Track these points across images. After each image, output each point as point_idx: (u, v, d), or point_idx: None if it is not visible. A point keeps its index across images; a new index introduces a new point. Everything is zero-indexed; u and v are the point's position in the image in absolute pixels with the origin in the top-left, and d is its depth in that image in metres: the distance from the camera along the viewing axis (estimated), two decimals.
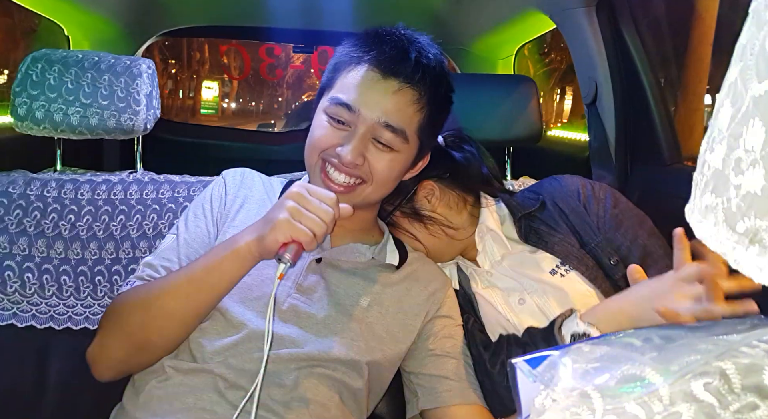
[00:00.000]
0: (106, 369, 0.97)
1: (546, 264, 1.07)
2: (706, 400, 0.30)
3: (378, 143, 0.97)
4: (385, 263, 1.09)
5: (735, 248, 0.30)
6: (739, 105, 0.30)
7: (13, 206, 1.28)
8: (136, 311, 0.94)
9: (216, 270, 0.91)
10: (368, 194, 1.01)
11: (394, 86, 0.96)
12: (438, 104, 1.02)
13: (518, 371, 0.44)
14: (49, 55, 1.33)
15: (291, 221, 0.85)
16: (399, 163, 1.00)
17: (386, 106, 0.95)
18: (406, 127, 0.97)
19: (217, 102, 22.39)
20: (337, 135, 0.97)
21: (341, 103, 0.96)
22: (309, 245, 0.85)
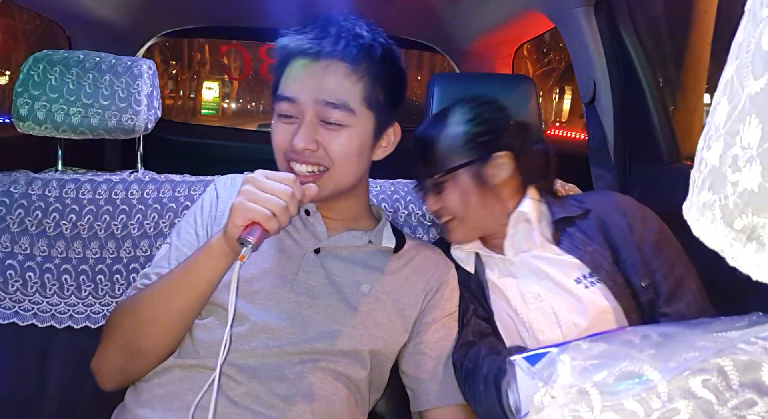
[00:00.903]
0: (107, 380, 0.99)
1: (572, 272, 1.06)
2: (704, 397, 0.30)
3: (328, 125, 0.97)
4: (383, 246, 1.09)
5: (733, 245, 0.30)
6: (736, 102, 0.30)
7: (15, 205, 1.28)
8: (126, 318, 0.96)
9: (192, 270, 0.92)
10: (337, 179, 1.00)
11: (323, 64, 0.97)
12: (379, 71, 1.01)
13: (517, 368, 0.44)
14: (51, 55, 1.34)
15: (245, 202, 0.85)
16: (355, 139, 0.99)
17: (321, 85, 0.97)
18: (347, 100, 0.97)
19: (217, 102, 22.40)
20: (290, 130, 0.98)
21: (283, 98, 0.99)
22: (268, 224, 0.85)
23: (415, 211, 1.41)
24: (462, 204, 1.10)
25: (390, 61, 1.04)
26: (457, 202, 1.10)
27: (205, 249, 0.92)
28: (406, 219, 1.39)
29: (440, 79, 1.56)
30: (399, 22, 2.36)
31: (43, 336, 1.25)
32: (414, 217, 1.40)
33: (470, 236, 1.14)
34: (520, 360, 0.39)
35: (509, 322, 1.08)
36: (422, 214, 1.41)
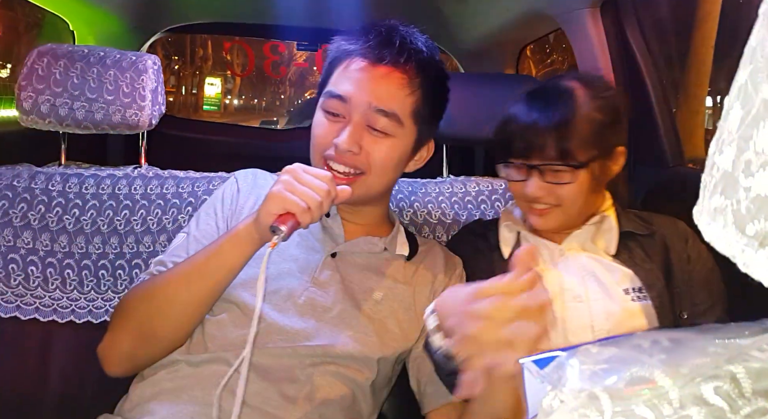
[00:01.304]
0: (115, 365, 0.97)
1: (624, 281, 1.05)
2: (716, 404, 0.30)
3: (373, 131, 0.99)
4: (397, 254, 1.10)
5: (744, 251, 0.30)
6: (749, 107, 0.30)
7: (17, 199, 1.28)
8: (141, 302, 0.95)
9: (217, 255, 0.92)
10: (370, 184, 1.01)
11: (382, 71, 0.99)
12: (430, 88, 1.03)
13: (526, 371, 0.44)
14: (55, 49, 1.33)
15: (283, 192, 0.86)
16: (397, 149, 1.01)
17: (376, 91, 0.98)
18: (398, 111, 0.98)
19: (219, 98, 22.37)
20: (334, 128, 0.99)
21: (333, 95, 0.99)
22: (302, 216, 0.86)
23: (420, 209, 1.41)
24: (573, 195, 1.05)
25: (442, 79, 1.07)
26: (570, 192, 1.04)
27: (232, 235, 0.92)
28: (411, 218, 1.39)
29: None
30: (404, 21, 2.36)
31: (45, 331, 1.25)
32: (420, 216, 1.40)
33: (562, 225, 1.10)
34: (528, 363, 0.38)
35: None
36: (428, 212, 1.41)
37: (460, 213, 1.42)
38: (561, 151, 1.01)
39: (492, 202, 1.45)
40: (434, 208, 1.41)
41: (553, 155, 1.01)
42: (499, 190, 1.47)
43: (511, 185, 1.10)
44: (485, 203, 1.44)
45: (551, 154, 1.01)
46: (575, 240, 1.10)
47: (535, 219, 1.09)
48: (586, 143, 1.01)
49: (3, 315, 1.24)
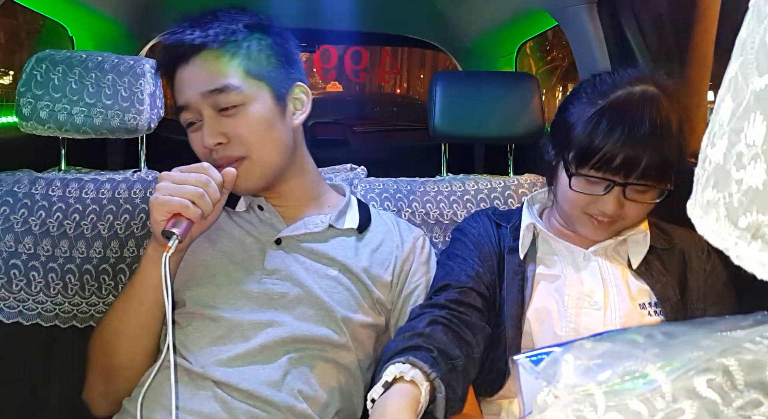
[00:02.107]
0: (99, 406, 1.03)
1: (641, 296, 1.04)
2: (708, 397, 0.30)
3: (225, 112, 0.99)
4: (345, 228, 1.09)
5: (737, 243, 0.30)
6: (740, 100, 0.30)
7: (18, 205, 1.29)
8: (96, 340, 1.01)
9: (137, 279, 0.97)
10: (260, 160, 1.01)
11: (192, 62, 0.99)
12: (247, 43, 1.02)
13: (520, 368, 0.44)
14: (53, 55, 1.34)
15: (160, 197, 0.88)
16: (257, 113, 1.00)
17: (197, 81, 0.99)
18: (225, 82, 0.98)
19: None
20: (200, 136, 1.00)
21: (179, 108, 1.02)
22: (188, 212, 0.88)
23: (418, 209, 1.40)
24: (641, 214, 1.02)
25: (257, 28, 1.05)
26: (640, 212, 1.01)
27: (144, 258, 0.96)
28: (410, 218, 1.39)
29: (443, 77, 1.55)
30: (401, 20, 2.36)
31: (47, 336, 1.26)
32: (418, 216, 1.40)
33: (611, 235, 1.07)
34: (523, 359, 0.38)
35: (548, 315, 1.04)
36: (426, 212, 1.40)
37: (458, 212, 1.42)
38: (660, 172, 0.95)
39: (491, 201, 1.45)
40: (432, 208, 1.41)
41: (652, 175, 0.95)
42: (498, 188, 1.47)
43: (576, 196, 1.02)
44: (484, 201, 1.44)
45: (652, 174, 0.95)
46: (602, 248, 1.08)
47: (590, 230, 1.04)
48: (678, 159, 0.96)
49: (5, 320, 1.24)
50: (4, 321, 1.24)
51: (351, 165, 1.50)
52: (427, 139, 1.63)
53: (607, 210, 0.99)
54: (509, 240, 1.12)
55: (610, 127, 0.95)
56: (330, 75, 12.86)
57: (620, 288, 1.04)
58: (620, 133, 0.94)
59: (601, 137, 0.95)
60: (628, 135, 0.94)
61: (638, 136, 0.93)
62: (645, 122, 0.94)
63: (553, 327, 1.03)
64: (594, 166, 0.97)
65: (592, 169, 0.98)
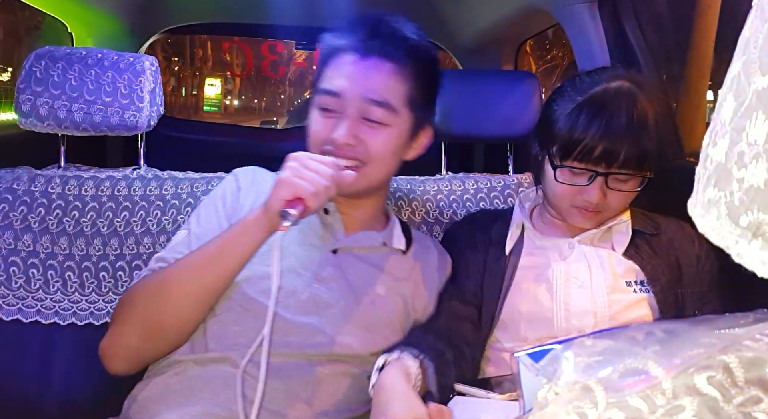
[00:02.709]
0: (119, 361, 0.97)
1: (628, 274, 1.08)
2: (709, 393, 0.30)
3: (369, 122, 1.00)
4: (394, 248, 1.11)
5: (738, 242, 0.30)
6: (743, 98, 0.30)
7: (17, 202, 1.29)
8: (150, 296, 0.95)
9: (227, 245, 0.94)
10: (370, 174, 1.02)
11: (371, 63, 1.00)
12: (422, 74, 1.04)
13: (521, 364, 0.44)
14: (53, 52, 1.33)
15: (292, 177, 0.88)
16: (394, 137, 1.02)
17: (367, 83, 0.99)
18: (391, 100, 1.00)
19: (219, 99, 22.36)
20: (330, 123, 1.00)
21: (327, 91, 1.01)
22: (311, 200, 0.88)
23: (418, 208, 1.40)
24: (624, 203, 1.07)
25: (432, 64, 1.08)
26: (622, 200, 1.06)
27: (242, 225, 0.94)
28: (409, 217, 1.39)
29: (443, 76, 1.55)
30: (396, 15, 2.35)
31: (46, 333, 1.25)
32: (418, 214, 1.40)
33: (600, 224, 1.11)
34: (523, 356, 0.38)
35: (539, 308, 1.08)
36: (426, 211, 1.41)
37: (458, 211, 1.42)
38: (637, 162, 1.00)
39: (491, 199, 1.45)
40: (432, 207, 1.41)
41: (631, 164, 1.00)
42: (497, 186, 1.47)
43: (562, 188, 1.07)
44: (484, 200, 1.44)
45: (630, 164, 1.00)
46: (587, 238, 1.12)
47: (580, 220, 1.09)
48: (658, 149, 1.01)
49: (5, 317, 1.24)
50: (3, 319, 1.24)
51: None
52: None
53: (592, 200, 1.04)
54: (494, 239, 1.17)
55: (589, 119, 1.01)
56: None
57: (605, 268, 1.08)
58: (598, 125, 1.00)
59: (581, 130, 1.01)
60: (606, 126, 1.00)
61: (616, 127, 0.99)
62: (621, 114, 1.00)
63: (544, 310, 1.08)
64: (576, 158, 1.03)
65: (575, 161, 1.03)
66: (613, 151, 1.00)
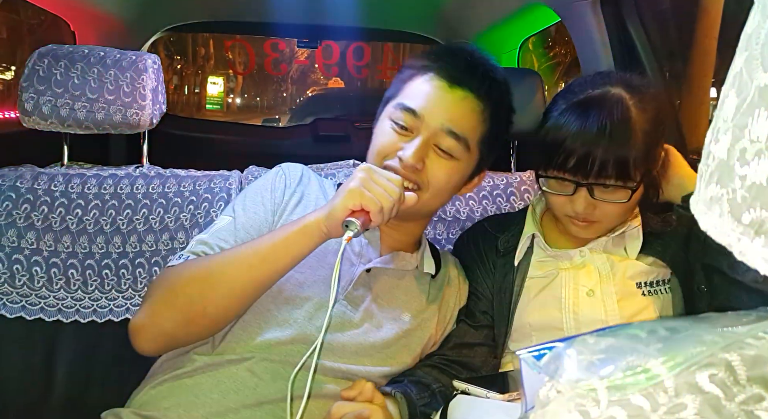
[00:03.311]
0: (150, 341, 0.96)
1: (637, 276, 1.07)
2: (711, 392, 0.30)
3: (439, 150, 0.98)
4: (425, 272, 1.11)
5: (740, 239, 0.30)
6: (745, 95, 0.30)
7: (21, 200, 1.29)
8: (193, 281, 0.93)
9: (282, 243, 0.92)
10: (425, 202, 1.00)
11: (460, 95, 0.99)
12: (500, 119, 1.04)
13: (523, 363, 0.44)
14: (56, 50, 1.34)
15: (361, 188, 0.87)
16: (458, 172, 1.01)
17: (451, 113, 0.98)
18: (468, 136, 0.99)
19: (222, 97, 22.36)
20: (400, 140, 0.99)
21: (406, 108, 0.99)
22: (376, 215, 0.87)
23: None
24: (622, 211, 1.04)
25: (511, 112, 1.08)
26: (620, 209, 1.02)
27: (301, 226, 0.92)
28: None
29: None
30: (403, 16, 2.35)
31: (50, 331, 1.26)
32: None
33: (601, 235, 1.09)
34: (525, 354, 0.38)
35: (549, 319, 1.08)
36: None
37: (461, 210, 1.42)
38: (619, 171, 0.96)
39: (494, 198, 1.45)
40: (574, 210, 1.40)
41: (611, 174, 0.96)
42: (500, 185, 1.47)
43: (552, 197, 1.06)
44: (487, 199, 1.44)
45: (609, 173, 0.96)
46: (599, 244, 1.10)
47: (576, 230, 1.07)
48: (644, 160, 0.97)
49: (8, 315, 1.25)
50: (7, 316, 1.25)
51: (354, 160, 1.50)
52: None
53: (578, 210, 1.01)
54: (501, 251, 1.16)
55: (565, 127, 0.99)
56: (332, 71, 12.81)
57: (615, 274, 1.07)
58: (572, 133, 0.97)
59: (558, 137, 0.99)
60: (578, 134, 0.97)
61: (588, 135, 0.96)
62: (596, 122, 0.96)
63: (553, 321, 1.07)
64: (554, 166, 1.01)
65: (554, 170, 1.01)
66: (586, 159, 0.96)
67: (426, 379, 1.01)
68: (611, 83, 1.01)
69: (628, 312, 1.05)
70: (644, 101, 0.99)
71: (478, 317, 1.12)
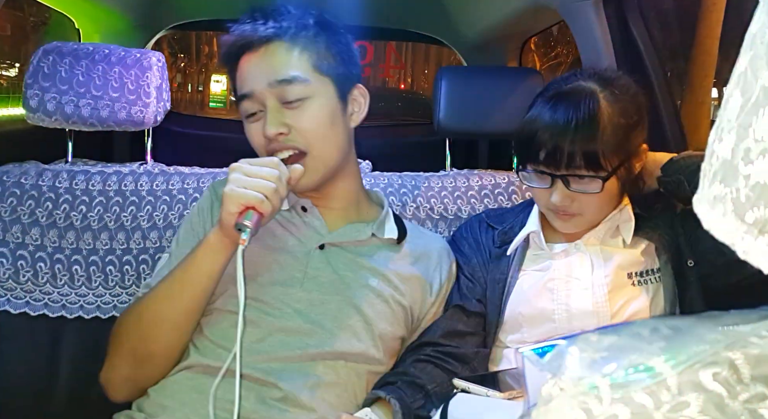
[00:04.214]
0: (118, 390, 1.00)
1: (628, 266, 1.08)
2: (714, 390, 0.30)
3: (290, 104, 0.98)
4: (386, 238, 1.09)
5: (744, 238, 0.30)
6: (749, 95, 0.30)
7: (25, 197, 1.30)
8: (131, 324, 0.97)
9: (192, 265, 0.93)
10: (320, 158, 0.99)
11: (262, 50, 0.99)
12: (317, 39, 1.02)
13: (526, 360, 0.44)
14: (60, 47, 1.34)
15: (235, 189, 0.87)
16: (321, 107, 1.00)
17: (268, 68, 0.98)
18: (297, 72, 0.98)
19: (225, 95, 22.36)
20: (260, 126, 0.99)
21: (241, 97, 1.00)
22: (262, 206, 0.86)
23: (423, 204, 1.41)
24: (601, 203, 1.04)
25: (326, 25, 1.05)
26: (598, 200, 1.03)
27: (203, 244, 0.93)
28: (414, 213, 1.39)
29: (448, 72, 1.55)
30: (406, 15, 2.35)
31: (53, 326, 1.27)
32: (422, 211, 1.40)
33: (586, 228, 1.10)
34: (528, 352, 0.39)
35: (540, 310, 1.08)
36: (430, 207, 1.41)
37: (462, 208, 1.42)
38: (588, 162, 0.98)
39: (495, 196, 1.45)
40: (437, 203, 1.41)
41: (580, 165, 0.98)
42: (502, 183, 1.47)
43: (533, 191, 1.08)
44: (488, 197, 1.44)
45: (578, 163, 0.98)
46: (594, 235, 1.10)
47: (559, 223, 1.08)
48: (614, 151, 0.99)
49: (13, 311, 1.25)
50: (11, 312, 1.25)
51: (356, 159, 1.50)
52: (431, 134, 1.63)
53: (556, 203, 1.03)
54: (497, 241, 1.16)
55: (537, 121, 1.02)
56: None
57: (608, 265, 1.08)
58: (542, 125, 1.00)
59: (531, 130, 1.02)
60: (548, 126, 1.00)
61: (557, 127, 0.99)
62: (565, 114, 0.98)
63: (545, 312, 1.08)
64: (528, 159, 1.03)
65: (530, 163, 1.03)
66: (556, 151, 0.98)
67: (420, 380, 1.01)
68: (583, 78, 1.04)
69: (618, 302, 1.05)
70: (616, 94, 1.01)
71: (474, 303, 1.11)
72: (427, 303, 1.10)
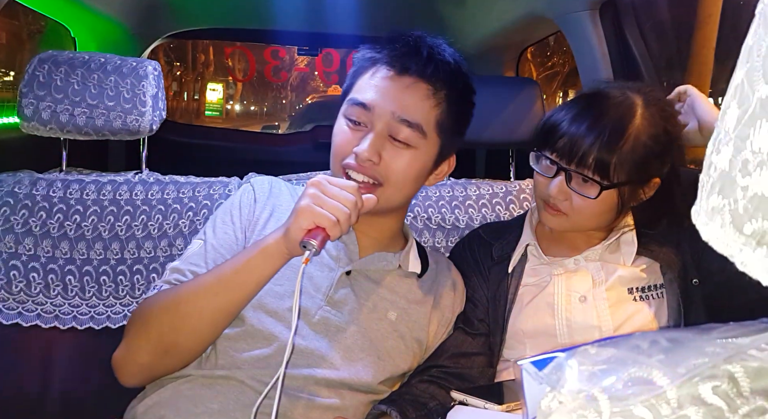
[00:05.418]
0: (131, 375, 0.96)
1: (629, 281, 1.08)
2: (714, 403, 0.30)
3: (395, 141, 0.97)
4: (409, 271, 1.09)
5: (742, 250, 0.30)
6: (746, 107, 0.30)
7: (18, 206, 1.29)
8: (164, 313, 0.93)
9: (245, 268, 0.91)
10: (387, 196, 0.98)
11: (407, 81, 0.97)
12: (455, 99, 1.02)
13: (524, 373, 0.44)
14: (56, 56, 1.34)
15: (312, 206, 0.85)
16: (417, 161, 0.99)
17: (400, 101, 0.96)
18: (422, 122, 0.97)
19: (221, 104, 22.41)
20: (356, 136, 0.97)
21: (356, 103, 0.98)
22: (332, 230, 0.85)
23: (420, 214, 1.40)
24: (589, 210, 1.04)
25: (468, 91, 1.05)
26: (587, 206, 1.03)
27: (261, 249, 0.91)
28: (411, 223, 1.39)
29: None
30: (404, 25, 2.36)
31: (46, 337, 1.25)
32: (420, 220, 1.40)
33: (568, 231, 1.11)
34: (527, 364, 0.38)
35: (542, 326, 1.08)
36: (428, 217, 1.40)
37: (460, 218, 1.42)
38: (597, 166, 0.99)
39: (492, 205, 1.45)
40: (434, 213, 1.41)
41: (589, 166, 0.99)
42: (499, 193, 1.47)
43: (537, 177, 1.10)
44: (486, 206, 1.44)
45: (588, 164, 0.99)
46: (593, 254, 1.11)
47: (545, 216, 1.09)
48: (627, 167, 0.99)
49: (5, 322, 1.24)
50: (3, 323, 1.24)
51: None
52: None
53: (551, 192, 1.04)
54: (496, 258, 1.17)
55: (568, 110, 1.03)
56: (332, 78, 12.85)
57: (609, 280, 1.08)
58: (572, 115, 1.02)
59: (558, 116, 1.04)
60: (576, 117, 1.01)
61: (584, 122, 1.00)
62: (596, 112, 1.00)
63: (547, 327, 1.08)
64: (546, 144, 1.05)
65: (545, 147, 1.06)
66: (575, 146, 1.00)
67: (423, 398, 1.01)
68: (635, 90, 1.04)
69: (621, 317, 1.05)
70: (654, 116, 1.01)
71: (476, 325, 1.11)
72: (440, 333, 1.11)
